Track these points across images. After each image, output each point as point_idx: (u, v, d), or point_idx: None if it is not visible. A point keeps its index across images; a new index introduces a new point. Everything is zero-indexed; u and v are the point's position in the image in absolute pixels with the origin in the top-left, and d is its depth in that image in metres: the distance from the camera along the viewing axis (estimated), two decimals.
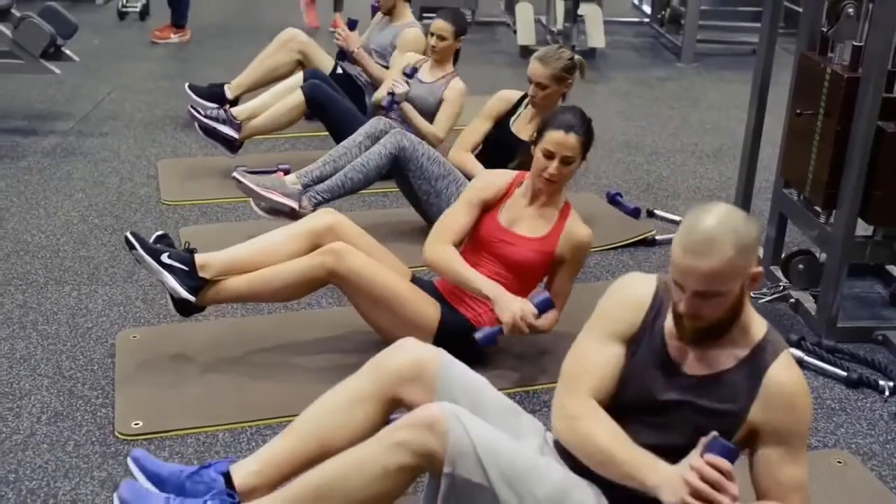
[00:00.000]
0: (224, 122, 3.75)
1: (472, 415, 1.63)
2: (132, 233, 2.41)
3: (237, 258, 2.45)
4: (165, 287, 2.41)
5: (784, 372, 1.63)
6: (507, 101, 3.34)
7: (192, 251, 2.44)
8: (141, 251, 2.38)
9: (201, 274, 2.40)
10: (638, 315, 1.70)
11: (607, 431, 1.62)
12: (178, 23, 6.09)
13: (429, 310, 2.46)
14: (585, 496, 1.65)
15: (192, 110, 3.77)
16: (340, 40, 4.13)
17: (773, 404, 1.61)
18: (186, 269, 2.39)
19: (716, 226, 1.52)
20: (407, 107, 3.67)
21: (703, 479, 1.49)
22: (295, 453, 1.77)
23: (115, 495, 1.72)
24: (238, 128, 3.77)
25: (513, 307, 2.32)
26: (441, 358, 1.81)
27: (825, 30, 2.86)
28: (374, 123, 3.35)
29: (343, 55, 4.25)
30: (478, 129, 3.35)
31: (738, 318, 1.62)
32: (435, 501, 1.61)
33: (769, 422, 1.62)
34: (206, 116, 3.73)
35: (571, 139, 2.40)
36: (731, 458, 1.52)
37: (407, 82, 3.66)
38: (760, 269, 1.58)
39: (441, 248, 2.47)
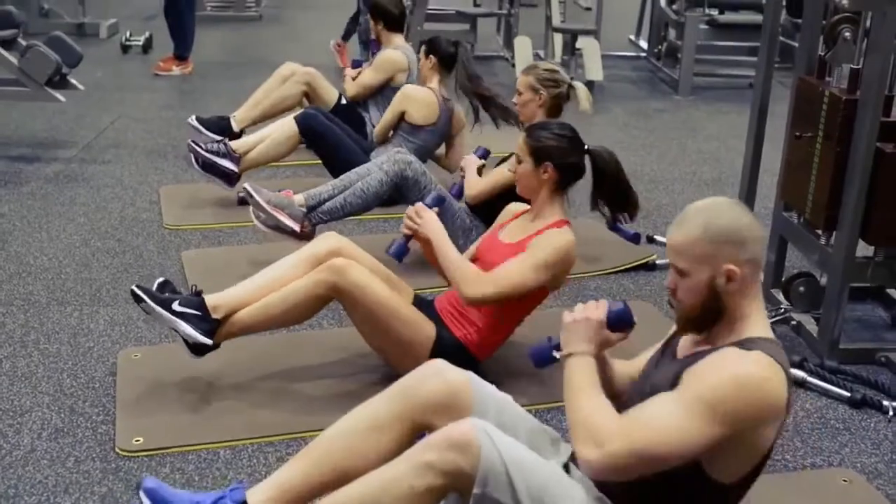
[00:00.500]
0: (223, 155, 3.71)
1: (500, 431, 1.59)
2: (138, 286, 2.37)
3: (246, 293, 2.44)
4: (180, 334, 2.36)
5: (733, 350, 1.51)
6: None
7: (199, 293, 2.41)
8: (151, 303, 2.34)
9: (214, 315, 2.38)
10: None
11: None
12: (182, 55, 6.15)
13: (425, 328, 2.46)
14: None
15: (194, 145, 3.71)
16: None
17: (702, 362, 1.51)
18: (199, 313, 2.36)
19: (699, 206, 1.58)
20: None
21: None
22: (310, 478, 1.72)
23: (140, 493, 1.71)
24: (237, 161, 3.74)
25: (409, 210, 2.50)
26: (472, 379, 1.78)
27: (823, 54, 2.91)
28: (392, 155, 3.31)
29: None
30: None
31: (720, 315, 1.57)
32: None
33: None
34: (206, 151, 3.69)
35: (520, 138, 2.51)
36: (622, 318, 1.67)
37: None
38: (734, 267, 1.52)
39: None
